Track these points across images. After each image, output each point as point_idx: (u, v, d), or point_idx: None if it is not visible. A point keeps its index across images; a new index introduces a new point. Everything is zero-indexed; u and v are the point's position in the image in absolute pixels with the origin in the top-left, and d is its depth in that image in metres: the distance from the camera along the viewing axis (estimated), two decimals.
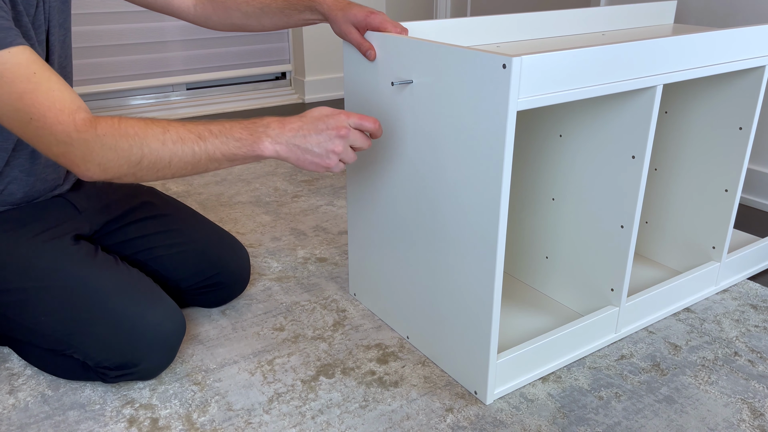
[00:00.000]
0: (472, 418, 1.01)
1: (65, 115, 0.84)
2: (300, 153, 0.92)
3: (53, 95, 0.84)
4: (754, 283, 1.41)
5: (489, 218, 0.94)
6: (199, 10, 1.21)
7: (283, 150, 0.91)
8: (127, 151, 0.86)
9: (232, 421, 1.00)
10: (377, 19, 1.05)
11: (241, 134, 0.90)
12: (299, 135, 0.91)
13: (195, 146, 0.88)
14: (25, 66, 0.83)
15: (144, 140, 0.86)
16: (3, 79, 0.82)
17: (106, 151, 0.85)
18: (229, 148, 0.89)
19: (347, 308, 1.32)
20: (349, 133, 0.93)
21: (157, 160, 0.87)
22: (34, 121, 0.83)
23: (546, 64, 0.88)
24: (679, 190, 1.39)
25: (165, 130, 0.87)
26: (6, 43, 0.83)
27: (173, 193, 1.93)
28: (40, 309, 1.02)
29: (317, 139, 0.91)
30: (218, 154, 0.89)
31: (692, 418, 1.02)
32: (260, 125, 0.91)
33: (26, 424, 1.00)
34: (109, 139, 0.85)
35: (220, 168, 0.92)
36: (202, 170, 0.91)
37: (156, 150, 0.87)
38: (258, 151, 0.90)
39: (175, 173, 0.90)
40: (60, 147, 0.85)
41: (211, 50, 2.99)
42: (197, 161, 0.89)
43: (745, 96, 1.24)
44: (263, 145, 0.90)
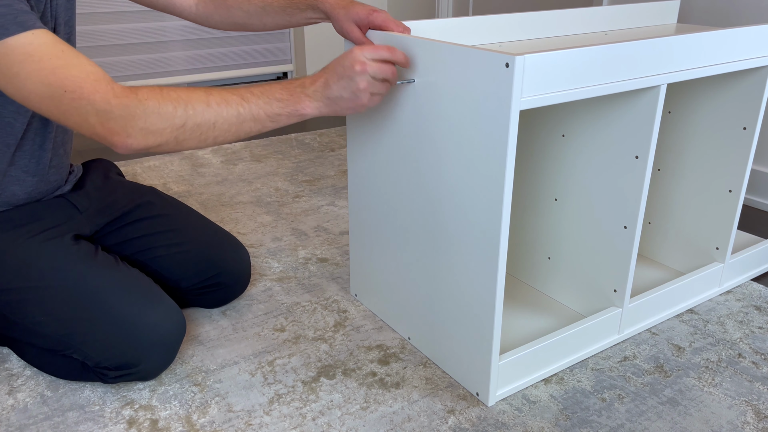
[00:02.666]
0: (474, 419, 1.01)
1: (102, 84, 0.84)
2: (334, 103, 0.94)
3: (86, 68, 0.84)
4: (758, 284, 1.41)
5: (491, 218, 0.93)
6: (201, 9, 1.20)
7: (321, 105, 0.94)
8: (172, 113, 0.86)
9: (233, 423, 1.00)
10: (379, 18, 1.04)
11: (282, 95, 0.93)
12: (328, 85, 0.94)
13: (239, 107, 0.90)
14: (52, 44, 0.84)
15: (189, 102, 0.87)
16: (31, 57, 0.82)
17: (149, 116, 0.85)
18: (273, 108, 0.92)
19: (348, 309, 1.31)
20: (367, 66, 0.93)
21: (202, 122, 0.88)
22: (68, 93, 0.83)
23: (549, 64, 0.87)
24: (682, 190, 1.39)
25: (208, 93, 0.89)
26: (28, 26, 0.83)
27: (174, 193, 1.93)
28: (39, 309, 1.02)
29: (341, 84, 0.93)
30: (262, 114, 0.92)
31: (696, 420, 1.01)
32: (297, 85, 0.94)
33: (25, 425, 0.99)
34: (152, 103, 0.85)
35: (263, 130, 0.94)
36: (244, 133, 0.93)
37: (201, 112, 0.88)
38: (300, 110, 0.94)
39: (218, 136, 0.91)
40: (98, 116, 0.84)
41: (213, 50, 2.99)
42: (241, 122, 0.91)
43: (749, 96, 1.23)
44: (304, 104, 0.93)
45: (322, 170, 2.15)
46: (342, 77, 0.93)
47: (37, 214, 1.09)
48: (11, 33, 0.81)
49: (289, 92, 0.93)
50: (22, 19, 0.83)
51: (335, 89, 0.93)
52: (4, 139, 1.01)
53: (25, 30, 0.82)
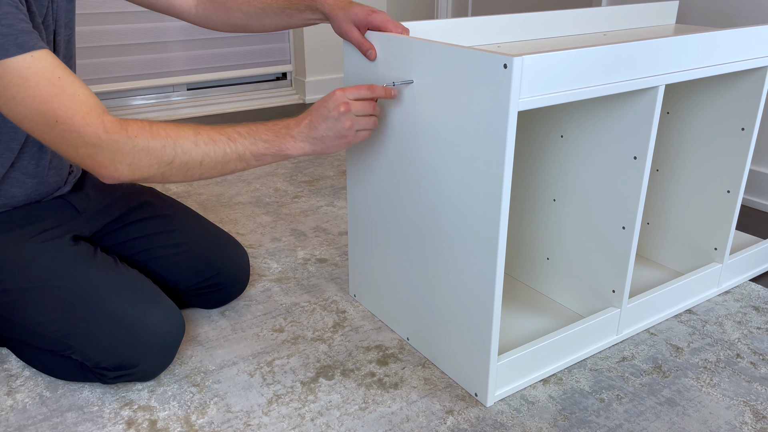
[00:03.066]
0: (473, 420, 1.01)
1: (93, 117, 0.85)
2: (319, 143, 0.97)
3: (79, 99, 0.85)
4: (757, 285, 1.41)
5: (490, 219, 0.93)
6: (200, 11, 1.20)
7: (306, 146, 0.97)
8: (160, 151, 0.88)
9: (231, 423, 1.00)
10: (378, 19, 1.04)
11: (267, 136, 0.96)
12: (312, 127, 0.97)
13: (226, 147, 0.93)
14: (50, 70, 0.84)
15: (177, 141, 0.90)
16: (28, 83, 0.82)
17: (137, 153, 0.87)
18: (258, 148, 0.95)
19: (347, 309, 1.32)
20: (349, 106, 0.96)
21: (189, 160, 0.91)
22: (59, 124, 0.84)
23: (547, 64, 0.88)
24: (680, 190, 1.39)
25: (196, 132, 0.92)
26: (29, 47, 0.83)
27: (173, 194, 1.93)
28: (38, 309, 1.02)
29: (326, 124, 0.96)
30: (248, 153, 0.94)
31: (694, 420, 1.01)
32: (282, 126, 0.97)
33: (24, 425, 0.99)
34: (141, 140, 0.87)
35: (247, 168, 0.97)
36: (230, 171, 0.96)
37: (188, 150, 0.90)
38: (285, 150, 0.97)
39: (203, 173, 0.94)
40: (88, 149, 0.86)
41: (212, 50, 2.99)
42: (227, 161, 0.94)
43: (748, 96, 1.23)
44: (288, 145, 0.96)
45: (321, 171, 2.15)
46: (327, 118, 0.96)
47: (37, 215, 1.09)
48: (11, 54, 0.81)
49: (274, 133, 0.96)
50: (23, 39, 0.83)
51: (321, 130, 0.96)
52: (8, 143, 1.02)
53: (24, 52, 0.82)
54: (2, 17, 0.81)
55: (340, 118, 0.96)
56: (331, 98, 0.96)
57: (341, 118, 0.96)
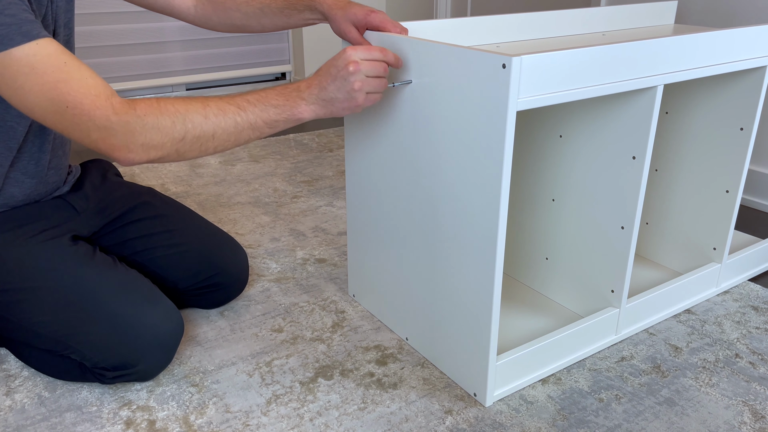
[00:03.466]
0: (472, 420, 1.01)
1: (102, 100, 0.85)
2: (329, 105, 0.95)
3: (87, 82, 0.85)
4: (755, 285, 1.41)
5: (489, 219, 0.93)
6: (200, 11, 1.20)
7: (317, 108, 0.95)
8: (170, 128, 0.88)
9: (230, 423, 1.00)
10: (377, 19, 1.04)
11: (278, 100, 0.94)
12: (321, 87, 0.94)
13: (237, 117, 0.91)
14: (56, 56, 0.84)
15: (186, 115, 0.88)
16: (35, 70, 0.82)
17: (148, 131, 0.86)
18: (270, 114, 0.93)
19: (346, 309, 1.32)
20: (359, 66, 0.93)
21: (201, 134, 0.90)
22: (70, 109, 0.84)
23: (546, 64, 0.88)
24: (679, 190, 1.39)
25: (205, 104, 0.90)
26: (33, 36, 0.83)
27: (172, 194, 1.93)
28: (37, 309, 1.02)
29: (335, 84, 0.94)
30: (260, 121, 0.93)
31: (693, 420, 1.01)
32: (292, 90, 0.95)
33: (23, 425, 0.99)
34: (150, 119, 0.86)
35: (261, 136, 0.96)
36: (243, 141, 0.94)
37: (199, 124, 0.89)
38: (297, 114, 0.95)
39: (218, 146, 0.92)
40: (100, 132, 0.85)
41: (211, 50, 2.99)
42: (240, 131, 0.92)
43: (746, 96, 1.23)
44: (300, 108, 0.95)
45: (320, 171, 2.15)
46: (336, 78, 0.93)
47: (36, 215, 1.09)
48: (16, 43, 0.81)
49: (284, 97, 0.94)
50: (27, 28, 0.83)
51: (330, 91, 0.94)
52: (6, 142, 1.02)
53: (29, 40, 0.82)
54: (5, 8, 0.81)
55: (348, 77, 0.93)
56: (341, 57, 0.94)
57: (350, 78, 0.93)
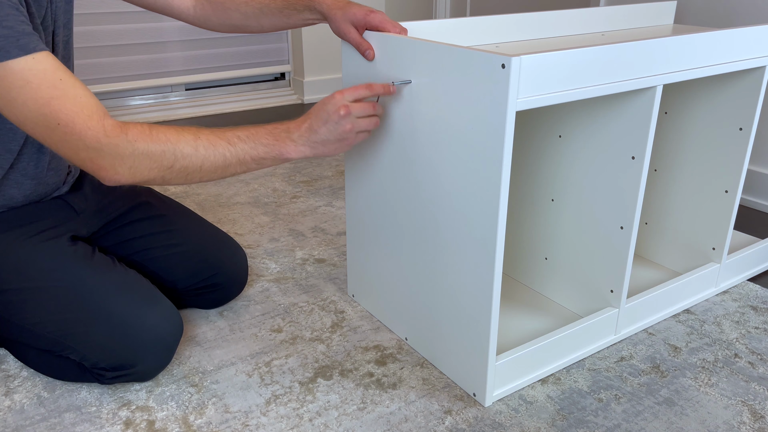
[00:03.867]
0: (471, 420, 1.01)
1: (94, 120, 0.85)
2: (320, 146, 0.98)
3: (81, 101, 0.85)
4: (755, 285, 1.41)
5: (488, 219, 0.93)
6: (199, 11, 1.20)
7: (306, 150, 0.98)
8: (160, 156, 0.89)
9: (230, 423, 1.00)
10: (376, 19, 1.04)
11: (267, 139, 0.96)
12: (312, 131, 0.97)
13: (226, 151, 0.93)
14: (51, 72, 0.84)
15: (177, 145, 0.90)
16: (30, 85, 0.83)
17: (137, 156, 0.88)
18: (258, 152, 0.95)
19: (345, 309, 1.32)
20: (349, 109, 0.96)
21: (189, 165, 0.91)
22: (61, 127, 0.84)
23: (545, 64, 0.88)
24: (679, 191, 1.39)
25: (196, 136, 0.92)
26: (30, 49, 0.83)
27: (171, 194, 1.93)
28: (36, 310, 1.02)
29: (326, 128, 0.96)
30: (248, 158, 0.95)
31: (692, 420, 1.01)
32: (282, 130, 0.97)
33: (22, 426, 0.99)
34: (141, 144, 0.88)
35: (247, 171, 0.98)
36: (229, 174, 0.96)
37: (189, 155, 0.91)
38: (284, 154, 0.97)
39: (203, 177, 0.94)
40: (88, 152, 0.86)
41: (210, 51, 2.98)
42: (227, 165, 0.94)
43: (746, 96, 1.24)
44: (288, 148, 0.97)
45: (319, 171, 2.15)
46: (327, 122, 0.96)
47: (35, 215, 1.09)
48: (12, 56, 0.81)
49: (274, 137, 0.96)
50: (24, 41, 0.83)
51: (321, 134, 0.97)
52: (6, 145, 1.01)
53: (26, 54, 0.82)
54: (3, 19, 0.81)
55: (340, 121, 0.96)
56: (331, 101, 0.96)
57: (341, 122, 0.96)
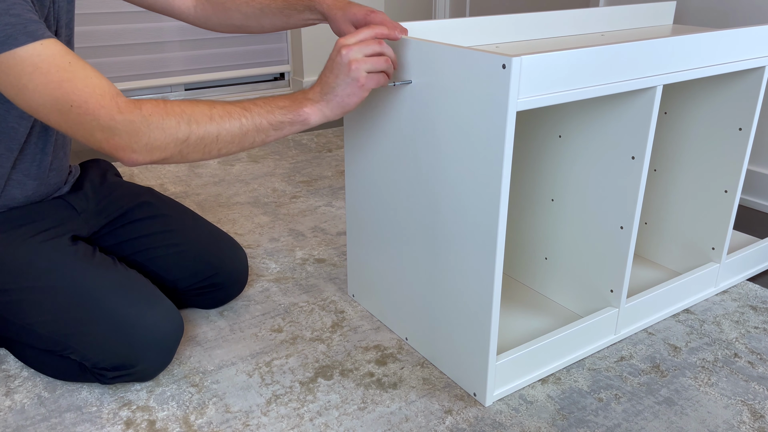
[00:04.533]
0: (471, 419, 1.01)
1: (107, 99, 0.85)
2: (337, 99, 0.94)
3: (92, 81, 0.85)
4: (754, 284, 1.41)
5: (488, 219, 0.93)
6: (199, 11, 1.20)
7: (324, 107, 0.95)
8: (175, 128, 0.87)
9: (230, 423, 1.00)
10: (377, 19, 1.04)
11: (284, 102, 0.94)
12: (326, 86, 0.94)
13: (242, 118, 0.91)
14: (60, 56, 0.84)
15: (191, 116, 0.88)
16: (39, 70, 0.82)
17: (152, 131, 0.86)
18: (275, 116, 0.93)
19: (346, 309, 1.32)
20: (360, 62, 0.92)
21: (205, 135, 0.89)
22: (75, 108, 0.84)
23: (546, 65, 0.88)
24: (678, 190, 1.39)
25: (211, 106, 0.90)
26: (37, 36, 0.83)
27: (171, 194, 1.93)
28: (37, 309, 1.02)
29: (333, 76, 0.94)
30: (265, 123, 0.92)
31: (692, 419, 1.01)
32: (298, 93, 0.96)
33: (22, 426, 0.99)
34: (155, 118, 0.86)
35: (267, 140, 0.95)
36: (249, 144, 0.93)
37: (204, 125, 0.89)
38: (303, 114, 0.94)
39: (221, 149, 0.92)
40: (104, 132, 0.85)
41: (210, 51, 2.98)
42: (244, 133, 0.91)
43: (745, 97, 1.24)
44: (306, 109, 0.94)
45: (319, 171, 2.15)
46: (332, 71, 0.94)
47: (35, 215, 1.09)
48: (21, 43, 0.82)
49: (290, 100, 0.95)
50: (32, 28, 0.83)
51: (335, 88, 0.94)
52: (7, 144, 1.02)
53: (34, 40, 0.82)
54: (10, 7, 0.81)
55: (343, 64, 0.92)
56: (337, 52, 0.94)
57: (345, 64, 0.92)
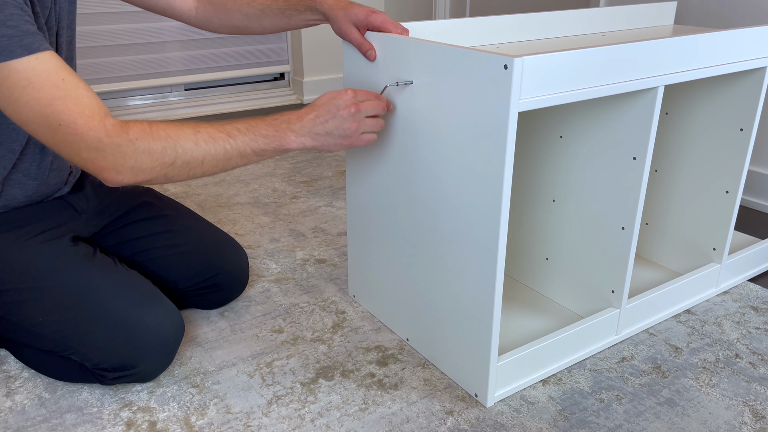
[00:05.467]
0: (473, 420, 1.01)
1: (95, 121, 0.85)
2: (323, 139, 0.97)
3: (83, 102, 0.85)
4: (755, 285, 1.41)
5: (490, 220, 0.93)
6: (200, 13, 1.20)
7: (308, 140, 0.97)
8: (161, 152, 0.89)
9: (231, 424, 1.00)
10: (378, 19, 1.04)
11: (267, 131, 0.95)
12: (317, 123, 0.96)
13: (226, 144, 0.93)
14: (54, 72, 0.84)
15: (177, 141, 0.90)
16: (32, 85, 0.83)
17: (139, 155, 0.87)
18: (258, 144, 0.95)
19: (346, 310, 1.31)
20: (359, 108, 0.97)
21: (191, 159, 0.91)
22: (63, 127, 0.84)
23: (548, 65, 0.88)
24: (679, 191, 1.39)
25: (196, 131, 0.92)
26: (33, 49, 0.83)
27: (171, 194, 1.93)
28: (37, 310, 1.02)
29: (333, 122, 0.96)
30: (248, 150, 0.94)
31: (694, 420, 1.01)
32: (282, 121, 0.96)
33: (23, 427, 0.99)
34: (142, 143, 0.87)
35: (248, 164, 0.97)
36: (231, 167, 0.96)
37: (189, 150, 0.91)
38: (285, 144, 0.96)
39: (206, 171, 0.94)
40: (90, 152, 0.86)
41: (210, 51, 2.98)
42: (228, 158, 0.94)
43: (746, 97, 1.24)
44: (289, 139, 0.96)
45: (319, 171, 2.15)
46: (335, 116, 0.96)
47: (36, 216, 1.09)
48: (16, 56, 0.81)
49: (274, 128, 0.96)
50: (28, 41, 0.83)
51: (326, 126, 0.96)
52: (9, 145, 1.01)
53: (30, 53, 0.82)
54: (7, 19, 0.81)
55: (348, 118, 0.96)
56: (342, 97, 0.97)
57: (348, 120, 0.96)
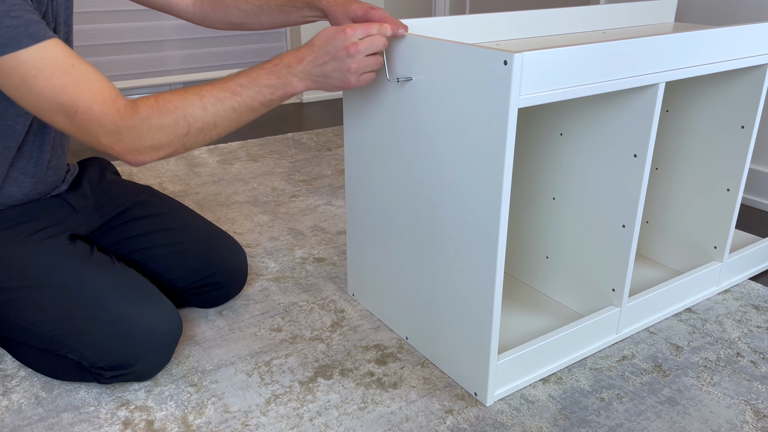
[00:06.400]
0: (472, 419, 1.00)
1: (108, 105, 0.86)
2: (323, 80, 0.96)
3: (95, 86, 0.85)
4: (756, 284, 1.41)
5: (489, 218, 0.93)
6: (198, 9, 1.20)
7: (310, 83, 0.96)
8: (173, 125, 0.89)
9: (229, 423, 0.99)
10: (377, 15, 1.03)
11: (270, 80, 0.94)
12: (316, 65, 0.95)
13: (233, 102, 0.93)
14: (63, 59, 0.84)
15: (186, 110, 0.90)
16: (43, 73, 0.82)
17: (153, 132, 0.88)
18: (264, 95, 0.95)
19: (345, 309, 1.31)
20: (358, 47, 0.94)
21: (204, 126, 0.92)
22: (80, 114, 0.85)
23: (548, 61, 0.87)
24: (680, 189, 1.38)
25: (201, 95, 0.91)
26: (39, 37, 0.83)
27: (170, 193, 1.92)
28: (34, 309, 1.01)
29: (332, 64, 0.94)
30: (255, 103, 0.94)
31: (695, 419, 1.01)
32: (282, 66, 0.95)
33: (19, 426, 0.98)
34: (154, 119, 0.88)
35: (259, 115, 0.98)
36: (243, 123, 0.96)
37: (200, 117, 0.91)
38: (290, 90, 0.96)
39: (221, 132, 0.95)
40: (109, 138, 0.87)
41: (208, 49, 2.98)
42: (239, 116, 0.94)
43: (747, 94, 1.23)
44: (293, 84, 0.95)
45: (318, 170, 2.14)
46: (333, 58, 0.94)
47: (34, 214, 1.08)
48: (23, 45, 0.81)
49: (276, 76, 0.95)
50: (33, 30, 0.82)
51: (325, 69, 0.95)
52: (5, 142, 1.01)
53: (36, 42, 0.82)
54: (10, 9, 0.81)
55: (346, 59, 0.94)
56: (341, 36, 0.93)
57: (347, 61, 0.94)
